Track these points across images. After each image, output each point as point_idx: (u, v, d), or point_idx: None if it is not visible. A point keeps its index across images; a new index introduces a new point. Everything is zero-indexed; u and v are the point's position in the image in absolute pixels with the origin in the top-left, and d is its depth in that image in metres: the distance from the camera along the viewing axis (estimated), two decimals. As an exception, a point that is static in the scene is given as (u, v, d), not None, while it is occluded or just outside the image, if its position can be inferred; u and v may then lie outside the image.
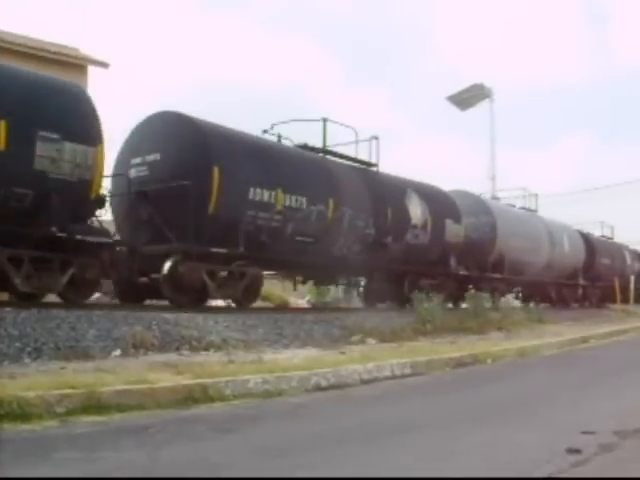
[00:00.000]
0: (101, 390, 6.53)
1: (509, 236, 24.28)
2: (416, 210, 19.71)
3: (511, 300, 26.26)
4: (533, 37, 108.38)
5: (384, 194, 18.82)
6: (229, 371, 8.25)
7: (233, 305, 15.69)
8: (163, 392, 7.01)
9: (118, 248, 13.76)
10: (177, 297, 13.84)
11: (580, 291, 33.32)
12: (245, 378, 7.90)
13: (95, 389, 6.50)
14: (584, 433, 5.86)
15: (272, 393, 7.88)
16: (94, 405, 6.33)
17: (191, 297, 14.15)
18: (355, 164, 19.38)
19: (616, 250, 38.78)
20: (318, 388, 8.47)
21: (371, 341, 13.09)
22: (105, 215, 14.23)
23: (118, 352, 9.41)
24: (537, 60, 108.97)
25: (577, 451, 5.18)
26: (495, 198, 32.60)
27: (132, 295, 14.58)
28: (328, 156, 18.54)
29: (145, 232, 14.20)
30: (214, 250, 14.02)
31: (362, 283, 21.51)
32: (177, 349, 10.18)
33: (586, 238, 33.74)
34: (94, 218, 13.11)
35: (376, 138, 19.41)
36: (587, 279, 33.03)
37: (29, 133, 11.35)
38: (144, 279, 14.53)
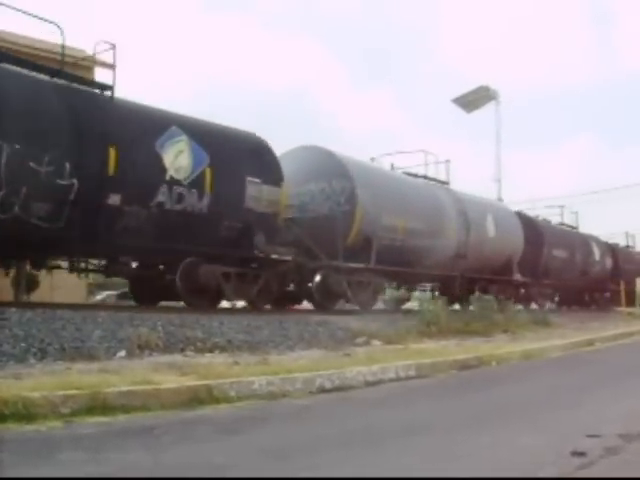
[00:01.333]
0: (106, 391, 6.53)
1: (380, 211, 18.45)
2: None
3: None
4: (537, 39, 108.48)
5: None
6: (234, 372, 8.24)
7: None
8: (168, 393, 7.00)
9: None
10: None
11: (521, 290, 27.71)
12: (250, 380, 7.89)
13: (100, 390, 6.50)
14: (589, 436, 5.84)
15: (277, 395, 7.88)
16: (99, 406, 6.33)
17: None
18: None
19: (578, 242, 33.18)
20: (322, 390, 8.46)
21: (376, 343, 13.08)
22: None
23: (123, 353, 9.42)
24: (541, 62, 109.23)
25: (582, 454, 5.16)
26: (500, 200, 32.51)
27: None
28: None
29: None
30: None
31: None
32: (182, 350, 10.19)
33: (529, 222, 28.66)
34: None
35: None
36: (530, 275, 27.38)
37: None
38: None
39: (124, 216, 12.86)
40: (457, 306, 22.84)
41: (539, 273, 28.25)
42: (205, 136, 14.59)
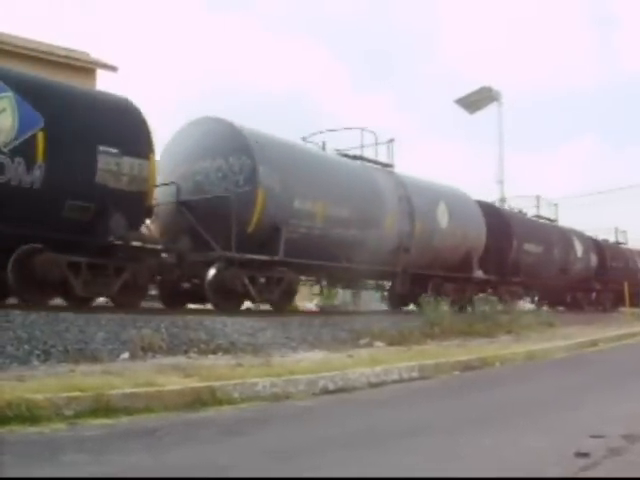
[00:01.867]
0: (109, 393, 6.54)
1: (293, 194, 15.61)
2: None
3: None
4: (540, 40, 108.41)
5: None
6: (237, 374, 8.25)
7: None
8: (171, 395, 7.01)
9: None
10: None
11: (488, 290, 24.02)
12: (253, 381, 7.90)
13: (103, 392, 6.50)
14: (593, 437, 5.83)
15: (280, 396, 7.88)
16: (102, 408, 6.34)
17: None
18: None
19: (556, 236, 29.59)
20: (326, 391, 8.46)
21: (379, 344, 13.08)
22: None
23: (126, 355, 9.43)
24: (544, 63, 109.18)
25: (586, 455, 5.15)
26: (503, 200, 32.24)
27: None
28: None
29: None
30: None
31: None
32: (185, 352, 10.20)
33: (494, 212, 25.44)
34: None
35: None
36: (496, 272, 23.82)
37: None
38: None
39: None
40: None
41: (507, 270, 24.79)
42: (41, 94, 11.91)
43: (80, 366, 8.29)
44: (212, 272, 14.20)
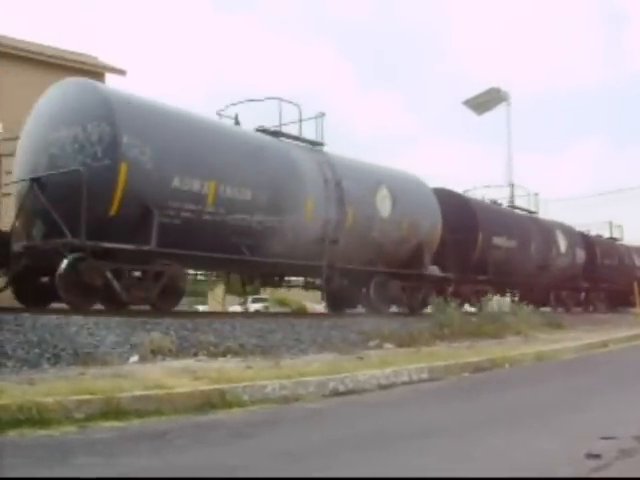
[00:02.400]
0: (119, 396, 6.55)
1: (171, 171, 13.21)
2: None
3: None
4: (547, 40, 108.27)
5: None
6: (247, 376, 8.24)
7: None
8: (181, 398, 7.02)
9: None
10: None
11: (449, 289, 21.02)
12: (263, 383, 7.90)
13: (113, 395, 6.52)
14: (604, 438, 5.80)
15: (289, 398, 7.88)
16: (113, 411, 6.35)
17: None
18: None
19: (535, 229, 26.73)
20: (336, 393, 8.46)
21: (389, 346, 13.06)
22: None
23: (136, 358, 9.44)
24: (551, 63, 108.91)
25: (597, 456, 5.13)
26: (511, 204, 31.63)
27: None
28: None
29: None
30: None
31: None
32: (195, 355, 10.21)
33: (456, 200, 22.93)
34: None
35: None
36: (458, 269, 21.36)
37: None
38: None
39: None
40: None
41: (471, 267, 22.30)
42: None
43: (90, 369, 8.30)
44: (64, 264, 11.82)
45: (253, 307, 34.92)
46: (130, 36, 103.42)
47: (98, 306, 12.94)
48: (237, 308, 28.29)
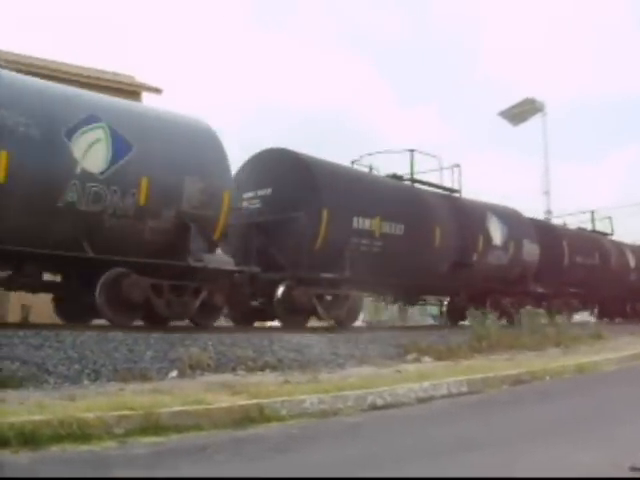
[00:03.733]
0: (159, 411, 6.58)
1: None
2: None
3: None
4: (581, 48, 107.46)
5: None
6: (285, 391, 8.25)
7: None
8: (220, 412, 7.04)
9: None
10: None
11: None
12: (301, 398, 7.89)
13: (153, 410, 6.55)
14: (648, 451, 5.73)
15: (328, 413, 7.87)
16: (152, 426, 6.39)
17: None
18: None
19: (441, 211, 19.41)
20: (374, 407, 8.42)
21: (427, 359, 13.00)
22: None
23: (175, 373, 9.49)
24: (586, 72, 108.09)
25: (641, 469, 5.06)
26: (548, 212, 31.64)
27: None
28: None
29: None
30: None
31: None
32: (233, 369, 10.24)
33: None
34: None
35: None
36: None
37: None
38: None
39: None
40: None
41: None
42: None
43: (129, 385, 8.37)
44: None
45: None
46: (166, 54, 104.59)
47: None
48: (276, 323, 28.26)
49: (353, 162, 19.37)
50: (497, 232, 21.50)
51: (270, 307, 15.47)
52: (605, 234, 31.31)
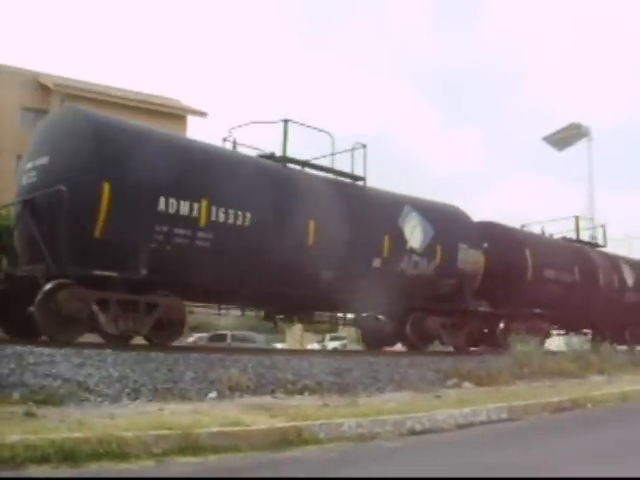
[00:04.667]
0: (197, 431, 6.60)
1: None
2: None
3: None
4: (625, 71, 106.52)
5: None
6: (323, 414, 8.23)
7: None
8: (258, 434, 7.04)
9: None
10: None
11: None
12: (339, 421, 7.86)
13: (191, 430, 6.58)
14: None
15: (366, 437, 7.82)
16: (190, 446, 6.40)
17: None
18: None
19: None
20: (413, 432, 8.36)
21: (467, 385, 12.89)
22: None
23: (214, 394, 9.53)
24: (631, 96, 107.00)
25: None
26: (594, 237, 30.56)
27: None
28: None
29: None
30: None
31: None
32: (272, 392, 10.25)
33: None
34: None
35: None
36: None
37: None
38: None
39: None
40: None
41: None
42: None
43: (169, 404, 8.42)
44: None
45: (331, 345, 34.95)
46: (211, 76, 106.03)
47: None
48: (315, 346, 28.35)
49: (224, 139, 15.46)
50: (417, 232, 17.22)
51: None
52: (595, 245, 27.42)
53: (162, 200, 12.21)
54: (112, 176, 11.74)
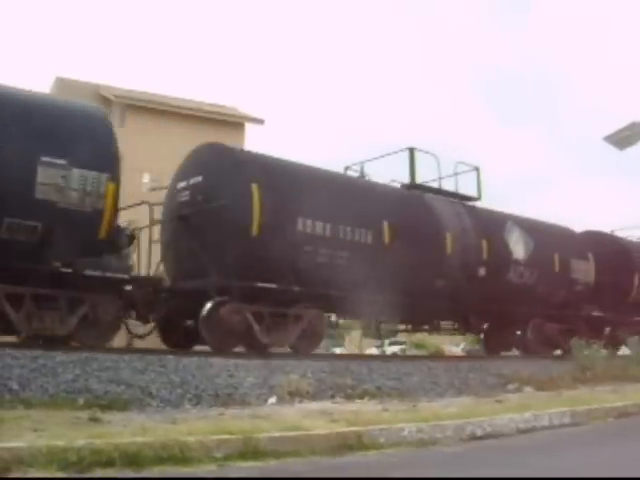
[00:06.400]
0: (258, 436, 6.65)
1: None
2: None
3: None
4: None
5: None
6: (383, 419, 8.22)
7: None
8: (318, 439, 7.05)
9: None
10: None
11: None
12: (399, 426, 7.84)
13: (252, 435, 6.62)
14: None
15: (426, 442, 7.78)
16: (251, 451, 6.45)
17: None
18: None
19: None
20: (473, 437, 8.29)
21: (528, 389, 12.75)
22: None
23: (274, 399, 9.59)
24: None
25: None
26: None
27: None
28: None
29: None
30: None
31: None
32: (332, 397, 10.28)
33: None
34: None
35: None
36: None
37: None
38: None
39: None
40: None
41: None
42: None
43: (229, 410, 8.50)
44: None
45: (390, 350, 34.83)
46: (269, 83, 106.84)
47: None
48: (374, 351, 28.25)
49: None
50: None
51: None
52: None
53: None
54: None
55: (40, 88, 15.47)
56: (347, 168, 17.51)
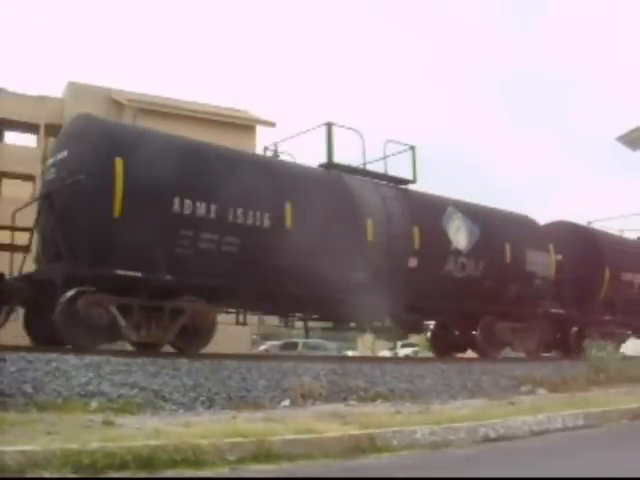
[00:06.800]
0: (271, 439, 6.65)
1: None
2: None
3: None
4: None
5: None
6: (396, 422, 8.21)
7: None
8: (331, 442, 7.05)
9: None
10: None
11: None
12: (412, 429, 7.82)
13: (265, 438, 6.62)
14: None
15: (439, 444, 7.77)
16: (264, 453, 6.45)
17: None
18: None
19: None
20: (486, 439, 8.27)
21: (541, 391, 12.72)
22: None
23: (287, 402, 9.61)
24: None
25: None
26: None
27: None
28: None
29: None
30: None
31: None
32: (344, 399, 10.28)
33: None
34: None
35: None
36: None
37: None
38: None
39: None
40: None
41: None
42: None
43: (242, 413, 8.51)
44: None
45: (402, 352, 34.82)
46: (279, 86, 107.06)
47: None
48: (386, 353, 28.24)
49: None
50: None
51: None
52: None
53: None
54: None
55: (53, 92, 15.47)
56: (266, 149, 16.06)
